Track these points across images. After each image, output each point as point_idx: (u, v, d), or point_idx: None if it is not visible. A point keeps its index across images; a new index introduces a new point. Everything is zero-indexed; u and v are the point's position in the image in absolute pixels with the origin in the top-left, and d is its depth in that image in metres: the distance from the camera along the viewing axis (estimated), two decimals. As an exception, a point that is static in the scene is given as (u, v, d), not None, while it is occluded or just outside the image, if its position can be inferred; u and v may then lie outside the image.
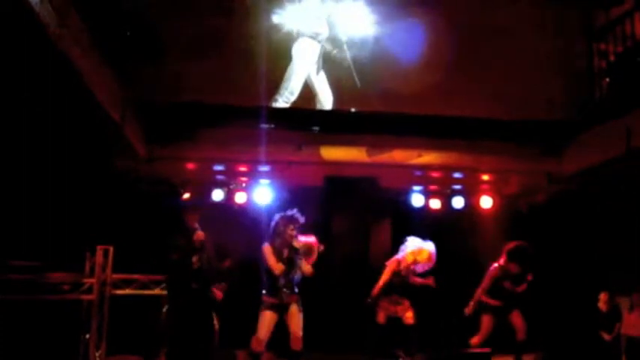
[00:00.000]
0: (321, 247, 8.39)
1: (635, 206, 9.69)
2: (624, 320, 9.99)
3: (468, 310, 9.33)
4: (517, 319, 9.30)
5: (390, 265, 9.55)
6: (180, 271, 8.50)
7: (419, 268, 9.56)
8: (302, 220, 8.13)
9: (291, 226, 7.99)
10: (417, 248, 9.51)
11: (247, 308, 8.21)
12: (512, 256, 9.30)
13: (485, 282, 9.35)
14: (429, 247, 9.53)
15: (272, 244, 7.98)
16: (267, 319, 7.84)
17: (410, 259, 9.49)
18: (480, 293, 9.34)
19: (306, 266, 8.04)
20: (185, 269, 8.48)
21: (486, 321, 9.31)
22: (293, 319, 7.92)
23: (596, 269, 10.50)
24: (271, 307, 7.87)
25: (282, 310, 7.89)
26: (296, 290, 7.98)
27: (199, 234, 8.62)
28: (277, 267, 7.84)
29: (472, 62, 9.61)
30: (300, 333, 7.88)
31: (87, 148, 8.86)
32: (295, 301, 7.95)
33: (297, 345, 7.88)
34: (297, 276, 8.00)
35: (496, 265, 9.41)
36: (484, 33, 9.63)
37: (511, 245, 9.38)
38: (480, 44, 9.60)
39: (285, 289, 7.89)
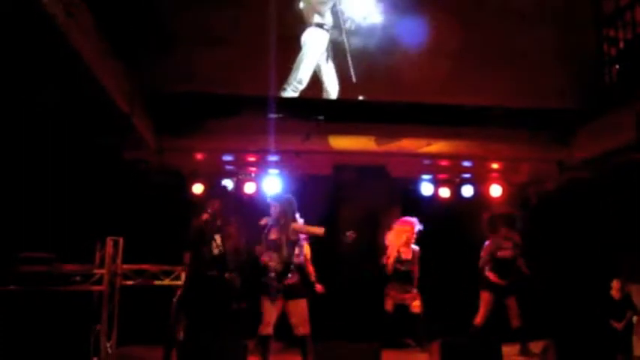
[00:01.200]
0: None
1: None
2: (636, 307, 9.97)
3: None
4: (512, 304, 9.37)
5: (390, 251, 9.79)
6: (199, 253, 8.58)
7: (410, 241, 9.69)
8: (281, 199, 8.27)
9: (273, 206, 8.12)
10: (396, 230, 9.78)
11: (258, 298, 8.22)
12: (492, 228, 9.40)
13: (483, 260, 9.44)
14: (401, 221, 9.83)
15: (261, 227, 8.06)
16: (266, 303, 7.89)
17: (398, 241, 9.67)
18: (481, 266, 9.44)
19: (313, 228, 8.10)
20: (203, 252, 8.56)
21: (486, 298, 9.42)
22: (288, 307, 7.95)
23: (607, 257, 10.46)
24: (266, 292, 7.89)
25: (274, 294, 7.88)
26: (289, 275, 7.98)
27: (204, 215, 8.71)
28: (257, 248, 7.94)
29: (480, 50, 9.60)
30: (296, 320, 7.90)
31: (96, 139, 8.88)
32: (286, 288, 7.96)
33: (299, 330, 7.90)
34: (285, 253, 8.00)
35: (488, 241, 9.61)
36: (492, 21, 9.61)
37: (487, 217, 9.54)
38: (488, 32, 9.58)
39: (272, 274, 7.90)
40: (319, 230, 8.16)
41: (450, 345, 6.91)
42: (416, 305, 9.63)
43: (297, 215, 8.28)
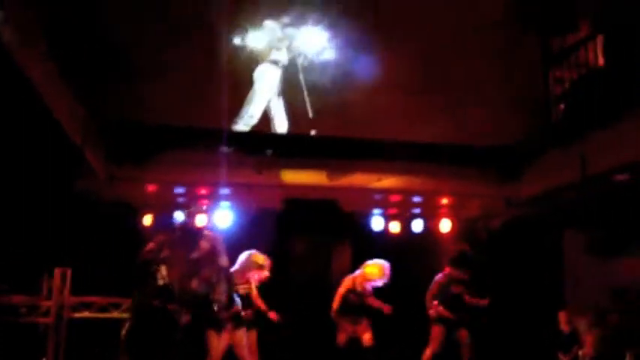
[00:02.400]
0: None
1: (590, 229, 9.86)
2: (584, 340, 10.11)
3: (432, 313, 9.52)
4: (464, 336, 9.44)
5: (345, 282, 9.67)
6: (143, 284, 8.43)
7: (374, 284, 9.66)
8: (214, 235, 8.29)
9: (202, 240, 8.12)
10: (370, 264, 9.64)
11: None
12: (453, 262, 9.54)
13: (433, 287, 9.54)
14: (381, 262, 9.68)
15: (191, 261, 8.03)
16: (212, 337, 7.89)
17: (363, 275, 9.59)
18: (429, 298, 9.49)
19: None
20: (148, 283, 8.41)
21: (437, 331, 9.46)
22: (235, 338, 8.01)
23: (554, 291, 10.63)
24: (211, 324, 7.88)
25: (221, 325, 7.90)
26: (234, 306, 7.98)
27: (149, 245, 8.59)
28: (192, 282, 7.92)
29: (432, 88, 9.78)
30: (243, 352, 7.95)
31: (46, 169, 8.78)
32: (233, 318, 7.95)
33: None
34: (224, 289, 7.98)
35: (441, 274, 9.71)
36: (445, 59, 9.79)
37: (451, 252, 9.63)
38: (440, 70, 9.76)
39: (216, 305, 7.90)
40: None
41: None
42: (367, 338, 9.64)
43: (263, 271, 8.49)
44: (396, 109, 9.72)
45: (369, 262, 9.75)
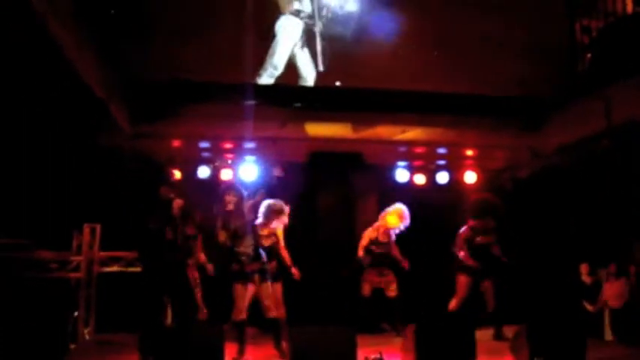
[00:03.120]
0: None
1: (616, 179, 9.79)
2: (605, 291, 10.12)
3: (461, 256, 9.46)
4: (488, 287, 9.39)
5: (367, 233, 9.76)
6: (155, 242, 8.49)
7: (396, 230, 9.70)
8: (238, 188, 8.18)
9: (228, 195, 8.03)
10: (388, 211, 9.66)
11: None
12: (474, 214, 9.44)
13: (459, 243, 9.47)
14: (398, 206, 9.72)
15: (218, 215, 8.04)
16: (238, 289, 7.88)
17: (385, 224, 9.62)
18: (457, 250, 9.46)
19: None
20: (159, 240, 8.47)
21: (462, 281, 9.38)
22: (261, 290, 7.97)
23: (578, 242, 10.61)
24: (236, 277, 7.89)
25: (247, 278, 7.91)
26: (260, 259, 8.02)
27: (177, 202, 8.62)
28: (220, 235, 7.93)
29: (455, 39, 9.65)
30: (269, 302, 7.93)
31: (72, 125, 8.85)
32: (259, 271, 8.00)
33: (272, 314, 7.96)
34: (251, 242, 8.02)
35: (465, 226, 9.56)
36: (466, 11, 9.66)
37: (473, 203, 9.56)
38: (461, 22, 9.64)
39: (243, 257, 7.92)
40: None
41: (425, 329, 6.98)
42: (392, 289, 9.72)
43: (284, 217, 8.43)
44: (419, 62, 9.64)
45: (387, 209, 9.78)
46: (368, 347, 7.57)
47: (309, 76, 9.53)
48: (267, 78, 9.37)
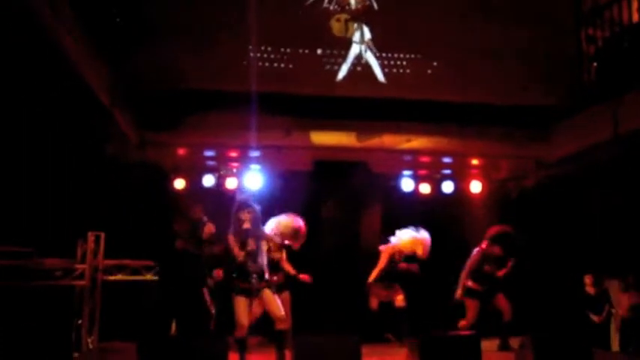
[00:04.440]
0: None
1: (622, 190, 9.76)
2: (618, 302, 10.07)
3: (458, 295, 9.43)
4: (502, 301, 9.38)
5: (387, 251, 9.66)
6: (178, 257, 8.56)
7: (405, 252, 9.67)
8: (253, 205, 8.00)
9: (243, 212, 7.90)
10: (414, 238, 9.64)
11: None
12: (494, 240, 9.44)
13: (468, 266, 9.45)
14: (426, 237, 9.69)
15: (234, 233, 7.95)
16: (241, 305, 7.70)
17: (407, 248, 9.59)
18: (464, 277, 9.43)
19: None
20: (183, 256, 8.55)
21: (471, 306, 9.37)
22: (270, 303, 7.82)
23: (584, 253, 10.56)
24: (243, 292, 7.73)
25: (254, 294, 7.78)
26: (266, 276, 7.93)
27: (210, 227, 8.68)
28: (239, 255, 7.83)
29: (461, 49, 9.65)
30: (280, 313, 7.86)
31: (78, 134, 8.86)
32: (267, 286, 7.93)
33: (280, 325, 7.91)
34: (264, 260, 7.94)
35: (478, 249, 9.53)
36: (473, 20, 9.67)
37: (493, 229, 9.54)
38: (468, 31, 9.64)
39: (254, 275, 7.77)
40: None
41: (430, 340, 6.97)
42: (400, 299, 9.68)
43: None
44: (425, 71, 9.66)
45: (412, 234, 9.72)
46: (372, 357, 7.53)
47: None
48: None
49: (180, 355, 6.61)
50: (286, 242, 8.39)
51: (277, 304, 7.86)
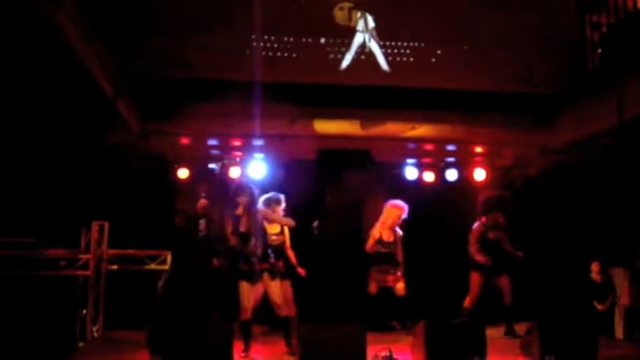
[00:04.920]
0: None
1: (626, 177, 9.74)
2: (622, 290, 10.07)
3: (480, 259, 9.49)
4: (505, 282, 9.42)
5: (371, 235, 9.85)
6: (183, 238, 8.60)
7: (399, 224, 9.81)
8: (251, 188, 8.19)
9: (239, 196, 8.03)
10: (384, 210, 9.83)
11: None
12: (490, 210, 9.46)
13: (472, 241, 9.51)
14: (391, 202, 9.90)
15: (230, 216, 8.03)
16: (244, 289, 7.85)
17: (384, 222, 9.80)
18: (473, 252, 9.47)
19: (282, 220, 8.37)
20: (187, 237, 8.59)
21: (475, 279, 9.44)
22: (270, 288, 7.97)
23: (589, 241, 10.56)
24: (244, 276, 7.86)
25: (255, 278, 7.90)
26: (268, 259, 7.99)
27: (202, 201, 8.71)
28: (231, 239, 7.91)
29: (464, 36, 9.63)
30: (279, 300, 7.92)
31: (80, 124, 8.85)
32: (268, 270, 7.97)
33: (283, 311, 7.95)
34: (259, 243, 7.99)
35: (478, 222, 9.65)
36: (476, 7, 9.62)
37: (485, 200, 9.68)
38: (472, 18, 9.60)
39: (252, 258, 7.89)
40: (289, 223, 8.41)
41: (434, 327, 6.97)
42: (400, 288, 9.70)
43: (282, 206, 8.53)
44: (428, 58, 9.63)
45: (384, 209, 9.90)
46: (377, 345, 7.54)
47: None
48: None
49: (185, 343, 6.63)
50: (275, 216, 8.43)
51: (277, 292, 7.90)
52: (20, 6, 5.98)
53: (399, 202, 9.86)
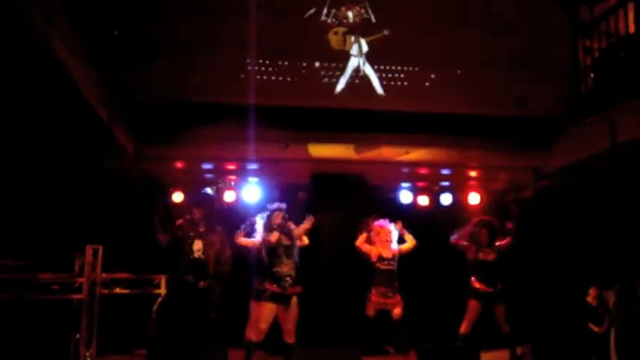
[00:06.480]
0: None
1: (621, 200, 9.76)
2: (614, 313, 10.05)
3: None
4: (500, 311, 9.38)
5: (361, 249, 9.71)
6: (171, 259, 8.60)
7: (393, 239, 9.66)
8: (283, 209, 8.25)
9: (274, 215, 8.12)
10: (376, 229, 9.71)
11: (240, 306, 8.22)
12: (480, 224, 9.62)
13: (461, 232, 9.62)
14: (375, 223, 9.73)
15: (265, 228, 8.03)
16: (267, 310, 7.67)
17: (374, 240, 9.63)
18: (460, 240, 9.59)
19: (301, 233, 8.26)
20: (176, 258, 8.59)
21: (473, 306, 9.40)
22: (291, 312, 7.82)
23: (584, 264, 10.55)
24: (273, 298, 7.70)
25: (283, 301, 7.75)
26: (299, 283, 7.90)
27: (179, 221, 8.79)
28: (273, 236, 7.87)
29: (459, 59, 9.69)
30: (293, 327, 7.82)
31: (75, 148, 8.86)
32: (296, 293, 7.86)
33: (291, 338, 7.86)
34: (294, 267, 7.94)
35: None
36: (470, 30, 9.70)
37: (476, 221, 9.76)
38: (465, 42, 9.67)
39: (287, 278, 7.80)
40: (307, 225, 8.44)
41: (428, 352, 6.96)
42: (397, 313, 9.63)
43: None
44: (423, 82, 9.68)
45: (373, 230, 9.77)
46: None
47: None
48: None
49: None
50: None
51: (295, 318, 7.83)
52: (15, 33, 6.01)
53: (381, 222, 9.78)
